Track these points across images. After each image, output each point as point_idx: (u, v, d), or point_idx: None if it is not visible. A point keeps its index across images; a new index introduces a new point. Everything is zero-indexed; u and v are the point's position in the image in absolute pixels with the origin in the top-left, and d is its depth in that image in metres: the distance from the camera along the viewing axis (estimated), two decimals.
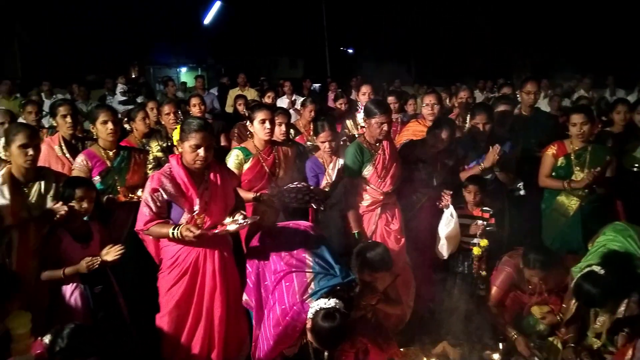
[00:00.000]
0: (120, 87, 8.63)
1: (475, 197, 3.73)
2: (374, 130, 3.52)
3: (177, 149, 2.97)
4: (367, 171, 3.56)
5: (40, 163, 3.14)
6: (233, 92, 8.66)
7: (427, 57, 21.37)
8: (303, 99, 5.58)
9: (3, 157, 3.03)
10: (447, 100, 6.40)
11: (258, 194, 3.41)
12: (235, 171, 3.45)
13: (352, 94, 8.42)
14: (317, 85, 13.58)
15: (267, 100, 6.59)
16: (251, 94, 8.51)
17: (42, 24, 18.21)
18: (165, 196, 2.78)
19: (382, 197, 3.58)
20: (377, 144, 3.59)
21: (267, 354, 2.74)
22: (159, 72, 21.76)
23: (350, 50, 28.61)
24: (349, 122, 4.68)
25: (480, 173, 3.87)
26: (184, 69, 24.64)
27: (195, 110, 5.18)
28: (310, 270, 2.70)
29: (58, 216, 2.81)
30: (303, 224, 3.13)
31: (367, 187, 3.59)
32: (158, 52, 23.35)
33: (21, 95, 8.18)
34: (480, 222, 3.69)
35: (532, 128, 4.47)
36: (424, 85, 11.76)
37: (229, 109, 8.19)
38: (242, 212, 2.93)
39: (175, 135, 2.86)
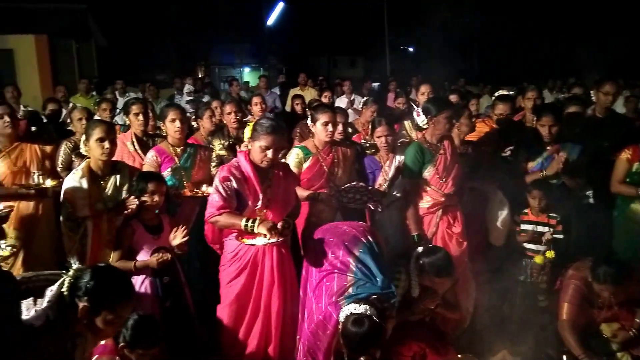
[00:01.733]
0: (187, 87, 8.98)
1: (539, 203, 3.58)
2: (442, 127, 3.46)
3: (246, 146, 3.06)
4: (428, 172, 3.50)
5: (114, 158, 3.32)
6: (292, 92, 8.80)
7: (492, 55, 20.65)
8: (365, 98, 5.56)
9: (83, 153, 3.26)
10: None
11: (316, 193, 3.44)
12: (295, 169, 3.50)
13: (412, 93, 8.31)
14: (376, 84, 13.50)
15: (324, 99, 6.64)
16: (311, 93, 8.60)
17: (117, 27, 19.31)
18: (235, 184, 2.87)
19: (443, 199, 3.50)
20: (438, 144, 3.52)
21: (305, 354, 2.77)
22: (224, 72, 22.49)
23: (411, 49, 28.19)
24: (407, 123, 4.61)
25: (544, 178, 3.72)
26: (246, 69, 25.30)
27: (256, 110, 5.31)
28: (352, 275, 2.70)
29: (130, 209, 2.99)
30: (358, 226, 3.10)
31: (428, 189, 3.52)
32: (222, 52, 24.13)
33: (97, 93, 8.71)
34: (547, 229, 3.54)
35: (605, 131, 4.22)
36: (489, 85, 11.39)
37: (287, 108, 8.34)
38: (284, 221, 2.96)
39: (247, 133, 2.97)
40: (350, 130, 5.04)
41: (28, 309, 1.84)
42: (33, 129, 4.67)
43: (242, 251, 2.98)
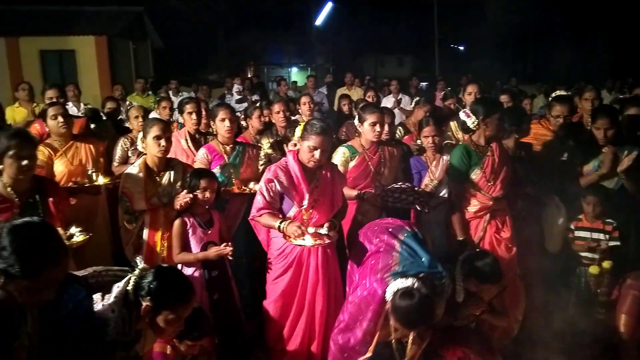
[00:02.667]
0: (236, 87, 9.18)
1: (594, 209, 3.44)
2: (492, 128, 3.37)
3: (295, 145, 3.12)
4: (475, 175, 3.39)
5: (169, 155, 3.44)
6: (339, 91, 8.82)
7: (546, 53, 19.83)
8: (417, 98, 5.48)
9: (140, 149, 3.41)
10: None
11: (362, 192, 3.45)
12: (341, 168, 3.52)
13: (461, 93, 8.14)
14: (424, 83, 13.31)
15: (368, 99, 6.62)
16: (357, 93, 8.59)
17: (172, 28, 19.97)
18: (278, 187, 2.94)
19: (491, 203, 3.39)
20: (487, 146, 3.43)
21: (341, 330, 2.75)
22: (272, 71, 22.82)
23: (461, 47, 27.57)
24: (452, 124, 4.50)
25: (599, 180, 3.56)
26: (294, 69, 25.56)
27: (304, 109, 5.36)
28: (397, 254, 2.70)
29: (183, 203, 3.10)
30: (402, 220, 3.11)
31: (475, 192, 3.41)
32: (271, 52, 24.50)
33: (152, 93, 9.05)
34: (602, 236, 3.39)
35: None
36: (543, 85, 10.98)
37: (335, 107, 8.37)
38: (332, 222, 3.00)
39: (298, 132, 3.02)
40: (402, 130, 5.00)
41: (96, 303, 1.95)
42: (93, 126, 4.90)
43: (288, 249, 3.04)
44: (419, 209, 3.40)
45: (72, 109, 6.16)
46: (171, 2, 20.03)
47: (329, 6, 19.01)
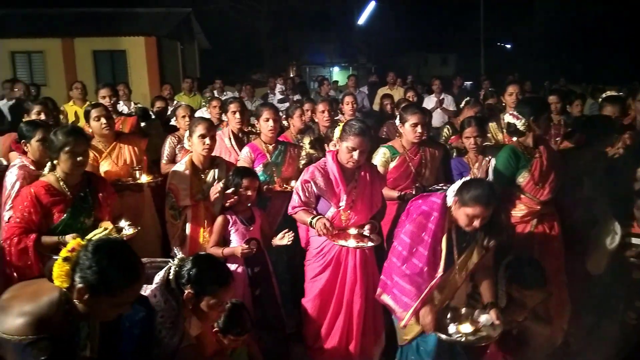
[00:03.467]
0: (278, 87, 9.30)
1: None
2: (540, 130, 3.26)
3: (335, 145, 3.15)
4: (522, 178, 3.25)
5: (214, 153, 3.55)
6: (381, 91, 8.77)
7: (597, 52, 18.97)
8: (467, 99, 5.37)
9: (187, 147, 3.53)
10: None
11: (402, 193, 3.44)
12: (381, 169, 3.51)
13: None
14: (468, 83, 13.04)
15: (410, 99, 6.54)
16: (399, 92, 8.53)
17: (218, 29, 20.41)
18: (314, 189, 2.98)
19: (539, 207, 3.26)
20: (534, 148, 3.30)
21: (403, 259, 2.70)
22: (314, 71, 22.94)
23: (508, 46, 26.79)
24: (492, 125, 4.38)
25: None
26: (336, 68, 25.60)
27: (347, 109, 5.37)
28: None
29: (229, 202, 3.18)
30: None
31: (522, 196, 3.27)
32: (313, 52, 24.61)
33: (198, 92, 9.29)
34: None
35: None
36: (591, 85, 10.54)
37: (375, 107, 8.33)
38: (373, 224, 3.00)
39: (337, 133, 3.05)
40: (449, 130, 4.93)
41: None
42: (143, 124, 5.09)
43: (327, 248, 3.06)
44: None
45: (122, 107, 6.41)
46: (218, 4, 20.47)
47: (371, 5, 18.90)
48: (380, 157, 3.60)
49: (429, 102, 7.69)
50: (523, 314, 2.82)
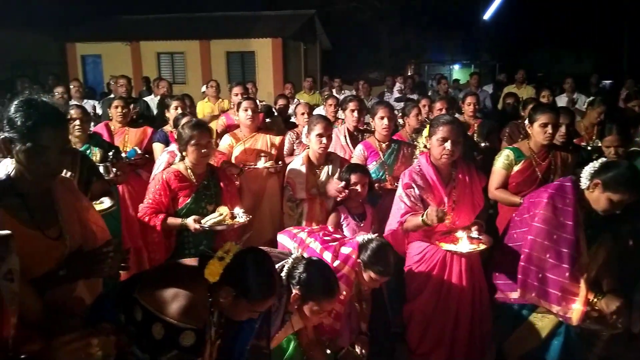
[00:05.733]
0: (397, 86, 9.27)
1: None
2: None
3: (426, 147, 3.06)
4: None
5: (329, 149, 3.68)
6: (506, 89, 8.31)
7: None
8: (591, 98, 4.92)
9: (305, 143, 3.71)
10: None
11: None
12: (502, 171, 3.37)
13: None
14: (607, 82, 11.78)
15: (542, 99, 6.11)
16: (527, 91, 8.00)
17: (340, 30, 20.85)
18: (417, 191, 2.90)
19: None
20: None
21: (544, 247, 2.51)
22: (433, 69, 22.37)
23: None
24: None
25: None
26: (456, 66, 24.69)
27: (468, 109, 5.20)
28: None
29: (340, 197, 3.29)
30: None
31: None
32: (433, 50, 24.00)
33: (317, 91, 9.64)
34: None
35: None
36: None
37: (499, 107, 7.92)
38: (479, 224, 2.86)
39: (425, 133, 2.99)
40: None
41: None
42: (267, 120, 5.44)
43: (429, 254, 2.96)
44: None
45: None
46: (340, 4, 20.92)
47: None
48: (502, 159, 3.43)
49: (560, 102, 7.11)
50: None
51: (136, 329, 1.70)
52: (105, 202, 3.09)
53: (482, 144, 4.73)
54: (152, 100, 7.26)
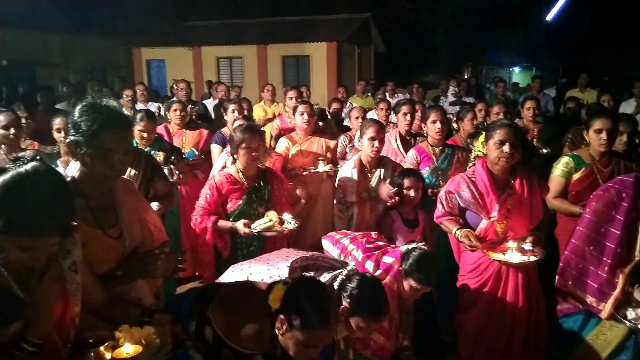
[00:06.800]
0: (451, 89, 9.09)
1: None
2: None
3: (482, 152, 3.01)
4: None
5: (382, 153, 3.67)
6: (569, 94, 7.94)
7: None
8: None
9: (357, 146, 3.73)
10: None
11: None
12: (561, 179, 3.25)
13: None
14: None
15: (604, 104, 5.80)
16: (592, 96, 7.61)
17: (395, 33, 20.69)
18: (458, 200, 2.86)
19: None
20: None
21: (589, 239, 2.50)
22: (492, 72, 21.71)
23: None
24: None
25: None
26: (516, 69, 23.82)
27: (527, 114, 5.02)
28: None
29: (390, 200, 3.28)
30: None
31: None
32: (492, 52, 23.28)
33: (371, 94, 9.61)
34: None
35: None
36: None
37: (562, 111, 7.58)
38: (536, 235, 2.75)
39: (482, 138, 2.92)
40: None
41: None
42: (320, 124, 5.50)
43: (483, 265, 2.88)
44: None
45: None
46: (395, 7, 20.76)
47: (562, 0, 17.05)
48: (561, 166, 3.30)
49: (628, 107, 6.72)
50: None
51: (205, 349, 1.74)
52: (153, 206, 3.17)
53: (543, 150, 4.56)
54: (212, 103, 7.52)
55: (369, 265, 2.52)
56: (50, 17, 19.46)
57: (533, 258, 2.70)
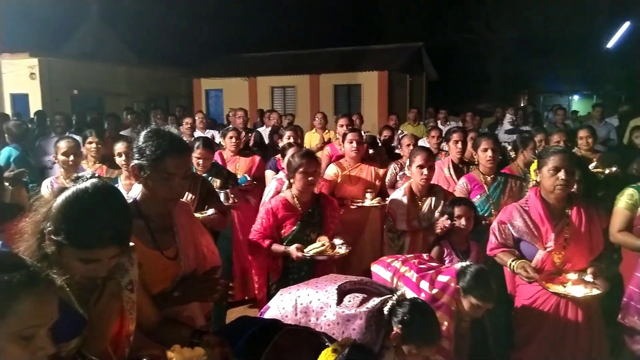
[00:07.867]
0: (508, 117, 8.89)
1: None
2: None
3: (535, 181, 2.90)
4: None
5: (433, 181, 3.64)
6: (633, 122, 7.54)
7: None
8: None
9: (407, 174, 3.71)
10: None
11: None
12: (626, 212, 3.05)
13: None
14: None
15: None
16: None
17: (447, 61, 20.59)
18: (512, 230, 2.76)
19: None
20: None
21: None
22: (549, 100, 21.07)
23: None
24: None
25: None
26: (576, 97, 22.97)
27: (582, 143, 4.84)
28: None
29: (442, 228, 3.23)
30: None
31: None
32: (549, 79, 22.64)
33: (423, 122, 9.57)
34: None
35: None
36: None
37: (625, 141, 7.21)
38: (597, 267, 2.60)
39: (534, 166, 2.82)
40: None
41: (352, 305, 2.18)
42: (371, 151, 5.52)
43: (541, 299, 2.73)
44: None
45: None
46: (448, 36, 20.72)
47: (625, 26, 16.33)
48: (625, 198, 3.09)
49: None
50: None
51: None
52: (208, 211, 3.34)
53: (606, 171, 4.33)
54: (264, 131, 7.74)
55: (424, 285, 2.47)
56: (118, 50, 20.96)
57: (596, 291, 2.54)
